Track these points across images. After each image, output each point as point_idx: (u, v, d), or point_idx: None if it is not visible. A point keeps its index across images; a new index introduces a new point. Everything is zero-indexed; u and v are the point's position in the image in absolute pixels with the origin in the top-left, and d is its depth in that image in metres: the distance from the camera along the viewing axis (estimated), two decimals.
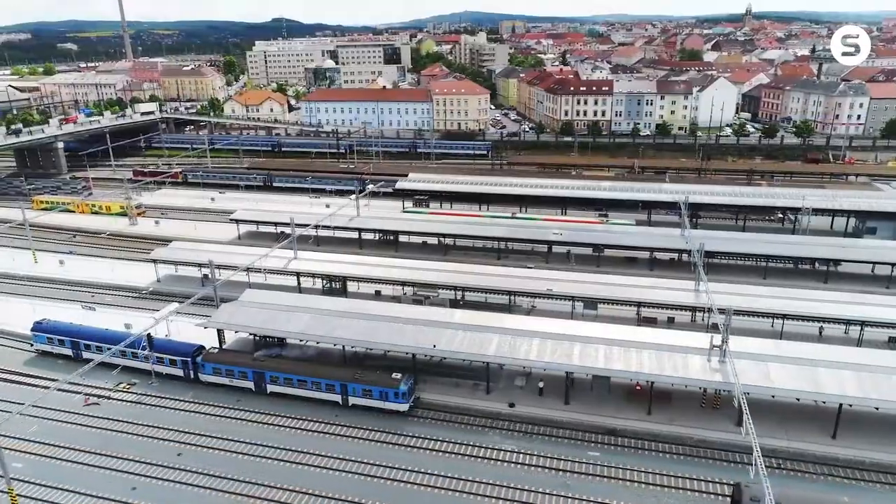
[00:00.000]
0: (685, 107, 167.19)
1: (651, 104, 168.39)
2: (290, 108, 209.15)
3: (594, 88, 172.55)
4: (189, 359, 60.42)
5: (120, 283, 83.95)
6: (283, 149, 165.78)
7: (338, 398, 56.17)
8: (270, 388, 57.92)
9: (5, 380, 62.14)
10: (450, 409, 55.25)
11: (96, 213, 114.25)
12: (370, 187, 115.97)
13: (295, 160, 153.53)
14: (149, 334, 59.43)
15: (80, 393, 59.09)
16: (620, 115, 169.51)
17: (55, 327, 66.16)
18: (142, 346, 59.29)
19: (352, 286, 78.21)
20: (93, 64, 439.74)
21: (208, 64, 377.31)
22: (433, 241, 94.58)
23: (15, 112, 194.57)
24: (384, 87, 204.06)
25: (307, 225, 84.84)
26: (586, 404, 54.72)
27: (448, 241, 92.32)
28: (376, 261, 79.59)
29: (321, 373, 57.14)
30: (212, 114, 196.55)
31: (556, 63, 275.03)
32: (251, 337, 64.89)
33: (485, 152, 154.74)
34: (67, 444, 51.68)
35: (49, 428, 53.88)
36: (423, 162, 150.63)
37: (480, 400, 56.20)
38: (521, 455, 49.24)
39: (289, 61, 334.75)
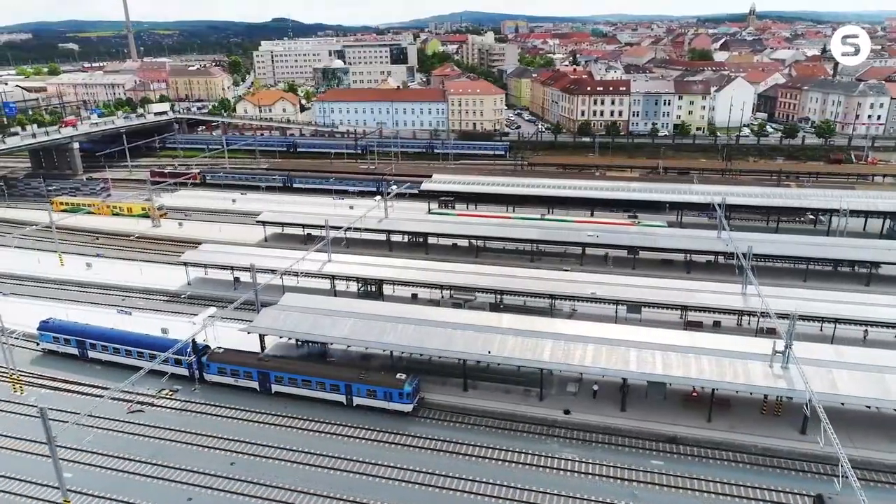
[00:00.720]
0: (703, 107, 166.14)
1: (668, 104, 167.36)
2: (302, 109, 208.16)
3: (611, 88, 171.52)
4: (194, 358, 60.21)
5: (149, 287, 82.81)
6: (298, 149, 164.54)
7: (342, 398, 55.96)
8: (275, 388, 57.71)
9: (57, 388, 60.89)
10: (505, 416, 54.11)
11: (117, 214, 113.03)
12: (393, 188, 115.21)
13: (311, 161, 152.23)
14: (193, 340, 58.30)
15: (124, 400, 57.93)
16: (637, 115, 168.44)
17: (61, 326, 66.03)
18: (188, 353, 58.26)
19: (386, 289, 77.24)
20: (97, 64, 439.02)
21: (214, 64, 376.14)
22: (462, 242, 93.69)
23: (30, 112, 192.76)
24: (398, 87, 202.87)
25: (339, 227, 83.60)
26: (643, 411, 53.68)
27: (478, 243, 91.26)
28: (411, 263, 78.56)
29: (325, 373, 56.98)
30: (224, 114, 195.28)
31: (566, 63, 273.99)
32: (290, 341, 64.01)
33: (503, 153, 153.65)
34: (118, 454, 50.55)
35: (98, 437, 52.65)
36: (440, 163, 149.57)
37: (534, 407, 55.14)
38: (583, 464, 48.18)
39: (296, 61, 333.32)
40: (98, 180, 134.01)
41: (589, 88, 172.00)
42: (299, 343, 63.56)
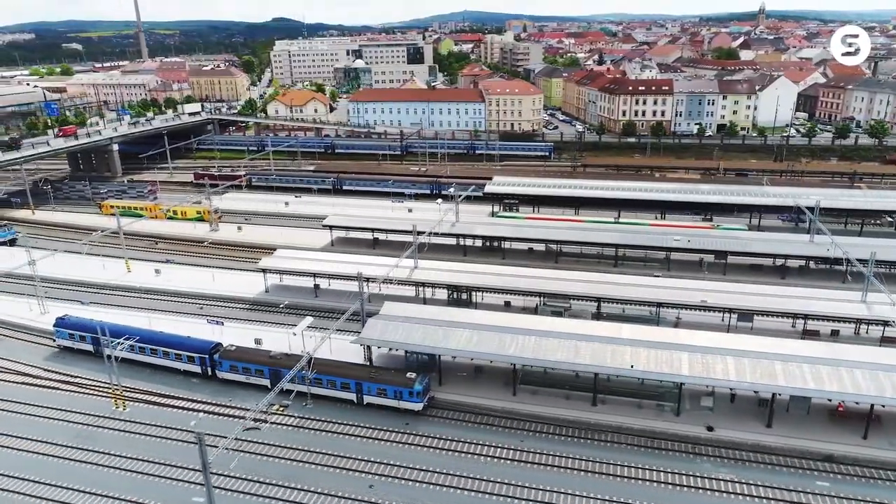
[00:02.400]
0: (748, 106, 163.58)
1: (712, 104, 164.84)
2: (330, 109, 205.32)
3: (653, 88, 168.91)
4: (207, 356, 60.14)
5: (224, 294, 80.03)
6: (336, 150, 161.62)
7: (353, 397, 55.72)
8: (287, 386, 55.78)
9: (154, 403, 58.10)
10: (643, 433, 51.50)
11: (171, 218, 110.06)
12: (451, 191, 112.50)
13: (353, 162, 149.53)
14: (308, 353, 55.62)
15: (236, 417, 55.20)
16: (681, 115, 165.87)
17: (77, 323, 66.11)
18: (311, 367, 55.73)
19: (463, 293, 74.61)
20: (108, 64, 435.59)
21: (227, 64, 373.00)
22: (537, 246, 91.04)
23: (67, 114, 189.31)
24: (432, 87, 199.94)
25: (422, 232, 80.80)
26: (789, 427, 51.08)
27: (557, 247, 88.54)
28: (502, 269, 75.93)
29: (336, 371, 56.45)
30: (260, 115, 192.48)
31: (590, 63, 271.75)
32: (397, 352, 61.36)
33: (547, 154, 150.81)
34: (247, 475, 47.76)
35: (221, 456, 49.71)
36: (485, 164, 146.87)
37: (671, 423, 52.51)
38: (743, 485, 45.57)
39: (313, 61, 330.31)
40: (146, 183, 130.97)
41: (630, 88, 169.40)
42: (408, 354, 60.82)
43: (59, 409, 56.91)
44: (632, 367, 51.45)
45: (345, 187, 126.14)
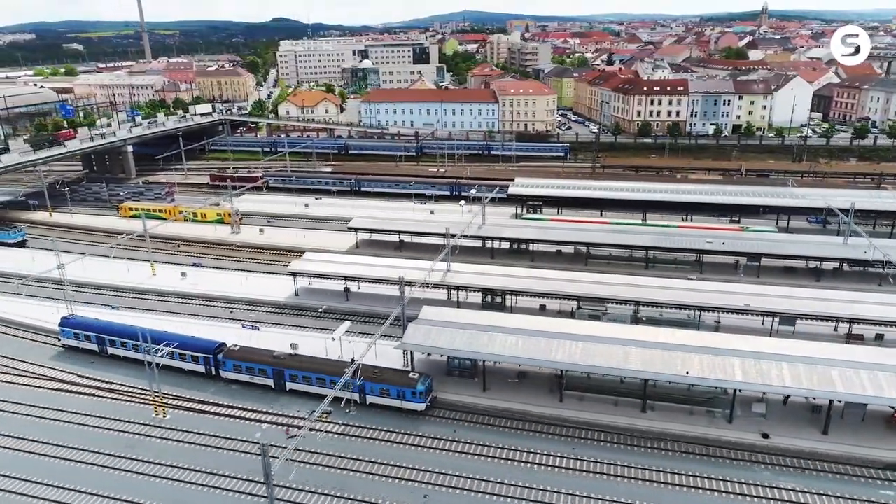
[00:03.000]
0: (764, 107, 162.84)
1: (728, 104, 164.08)
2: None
3: (668, 88, 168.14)
4: (211, 355, 60.56)
5: (252, 297, 79.08)
6: (349, 151, 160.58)
7: (356, 396, 55.71)
8: (290, 385, 57.81)
9: (191, 409, 57.17)
10: (696, 440, 50.65)
11: (191, 220, 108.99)
12: (473, 192, 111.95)
13: (366, 163, 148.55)
14: (353, 360, 54.77)
15: (277, 423, 54.35)
16: (696, 115, 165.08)
17: (82, 322, 66.74)
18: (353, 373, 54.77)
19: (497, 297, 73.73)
20: (111, 64, 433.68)
21: (232, 64, 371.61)
22: (565, 248, 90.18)
23: (81, 115, 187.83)
24: (445, 87, 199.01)
25: (455, 235, 79.86)
26: (845, 434, 50.27)
27: (587, 249, 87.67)
28: (535, 273, 74.92)
29: (339, 372, 54.73)
30: (269, 115, 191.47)
31: (599, 62, 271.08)
32: (440, 357, 60.50)
33: (562, 154, 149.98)
34: (302, 486, 46.78)
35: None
36: (501, 165, 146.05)
37: (724, 430, 51.64)
38: (807, 495, 44.74)
39: (319, 61, 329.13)
40: (162, 184, 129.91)
41: (645, 88, 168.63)
42: (450, 360, 59.94)
43: (99, 417, 55.92)
44: (687, 373, 50.54)
45: (363, 189, 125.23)
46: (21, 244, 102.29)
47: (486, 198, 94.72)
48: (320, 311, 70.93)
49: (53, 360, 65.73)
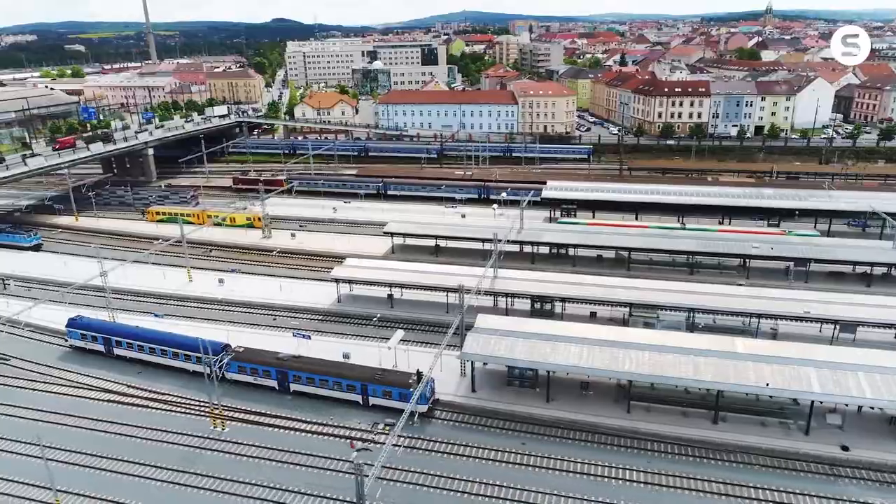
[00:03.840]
0: (787, 108, 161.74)
1: (750, 105, 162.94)
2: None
3: (689, 90, 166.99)
4: (216, 357, 59.74)
5: (293, 304, 77.80)
6: (369, 154, 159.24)
7: (358, 398, 56.29)
8: (294, 387, 58.28)
9: (248, 421, 55.88)
10: (774, 453, 49.44)
11: (220, 224, 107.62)
12: (504, 196, 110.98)
13: (385, 165, 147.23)
14: (419, 371, 53.61)
15: (338, 436, 53.10)
16: (717, 116, 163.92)
17: (88, 324, 67.32)
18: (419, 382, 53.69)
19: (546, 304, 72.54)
20: (117, 65, 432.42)
21: (238, 65, 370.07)
22: (606, 253, 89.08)
23: (102, 118, 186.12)
24: (462, 88, 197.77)
25: (496, 240, 78.60)
26: None
27: (629, 254, 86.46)
28: (586, 279, 73.69)
29: (343, 373, 57.16)
30: (284, 117, 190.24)
31: (610, 62, 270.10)
32: (500, 367, 59.30)
33: (585, 156, 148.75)
34: None
35: (340, 481, 47.69)
36: (524, 167, 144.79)
37: (801, 442, 50.43)
38: None
39: (328, 62, 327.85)
40: (187, 188, 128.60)
41: (666, 90, 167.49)
42: (510, 369, 58.71)
43: (154, 429, 54.62)
44: (767, 384, 49.32)
45: (389, 192, 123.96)
46: (36, 248, 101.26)
47: (524, 202, 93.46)
48: (375, 319, 69.58)
49: (102, 370, 64.32)
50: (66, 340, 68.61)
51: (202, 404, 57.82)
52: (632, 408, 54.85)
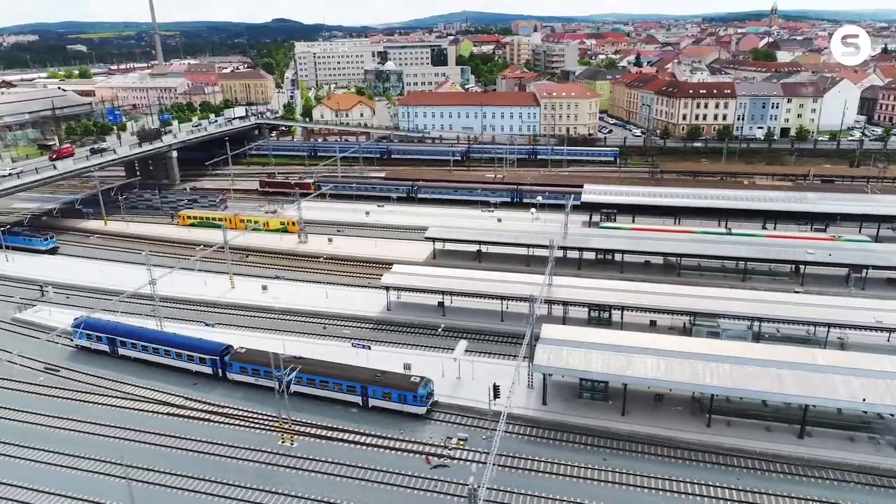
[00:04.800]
0: (813, 110, 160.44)
1: (776, 107, 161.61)
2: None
3: (714, 91, 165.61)
4: (218, 357, 61.44)
5: (341, 312, 76.22)
6: (392, 156, 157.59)
7: (358, 399, 56.78)
8: (294, 388, 57.11)
9: (317, 436, 54.30)
10: (864, 469, 48.04)
11: (254, 229, 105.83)
12: (540, 199, 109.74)
13: (410, 168, 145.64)
14: (495, 385, 52.13)
15: (412, 451, 51.55)
16: (742, 118, 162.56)
17: (94, 324, 67.98)
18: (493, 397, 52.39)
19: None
20: (122, 66, 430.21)
21: (246, 66, 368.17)
22: (654, 259, 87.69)
23: (132, 120, 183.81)
24: (483, 90, 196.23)
25: (548, 247, 76.98)
26: None
27: (679, 260, 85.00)
28: (644, 287, 72.21)
29: (342, 374, 57.52)
30: (301, 119, 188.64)
31: (624, 63, 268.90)
32: (572, 379, 57.83)
33: (612, 159, 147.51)
34: None
35: (428, 501, 46.18)
36: (551, 169, 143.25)
37: (893, 458, 49.01)
38: None
39: (338, 63, 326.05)
40: (215, 191, 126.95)
41: (691, 91, 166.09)
42: (583, 382, 57.23)
43: (221, 444, 53.12)
44: (863, 399, 47.89)
45: (420, 195, 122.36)
46: (52, 251, 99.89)
47: (568, 206, 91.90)
48: (440, 329, 67.98)
49: (156, 382, 62.76)
50: (72, 340, 69.01)
51: (266, 418, 56.40)
52: (712, 422, 53.37)
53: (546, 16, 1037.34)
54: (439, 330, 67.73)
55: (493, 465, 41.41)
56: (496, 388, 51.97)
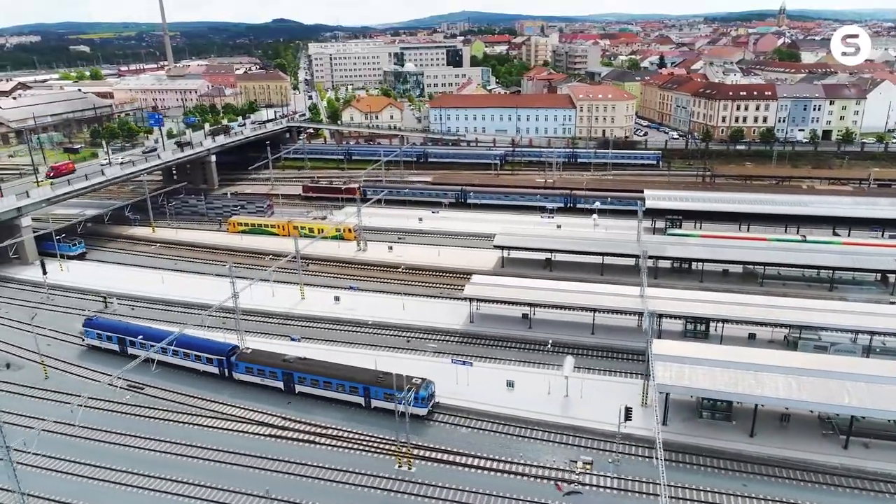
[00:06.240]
0: (856, 112, 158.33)
1: (817, 109, 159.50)
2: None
3: (755, 93, 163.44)
4: (224, 358, 62.45)
5: (422, 324, 73.69)
6: (429, 159, 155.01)
7: (361, 400, 57.50)
8: (299, 388, 59.67)
9: (438, 460, 51.79)
10: None
11: (307, 236, 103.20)
12: (597, 205, 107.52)
13: (448, 171, 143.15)
14: (627, 407, 49.66)
15: (541, 477, 49.05)
16: (783, 121, 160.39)
17: (104, 324, 70.58)
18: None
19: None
20: (133, 67, 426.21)
21: (257, 67, 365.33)
22: (732, 268, 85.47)
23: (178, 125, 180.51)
24: (518, 91, 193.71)
25: (629, 255, 74.64)
26: None
27: (764, 269, 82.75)
28: (743, 298, 69.80)
29: (346, 375, 58.08)
30: (327, 121, 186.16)
31: (648, 64, 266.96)
32: (691, 398, 55.46)
33: (654, 162, 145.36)
34: None
35: None
36: (594, 173, 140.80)
37: None
38: None
39: (354, 64, 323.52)
40: (261, 196, 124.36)
41: (731, 93, 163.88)
42: (703, 401, 54.81)
43: (331, 469, 50.51)
44: None
45: (469, 200, 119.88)
46: (81, 256, 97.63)
47: (640, 213, 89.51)
48: (549, 344, 65.46)
49: (243, 400, 60.17)
50: (83, 340, 70.27)
51: (370, 439, 53.91)
52: (849, 444, 50.99)
53: (546, 16, 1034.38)
54: (548, 345, 65.14)
55: (665, 496, 38.76)
56: (628, 410, 49.45)
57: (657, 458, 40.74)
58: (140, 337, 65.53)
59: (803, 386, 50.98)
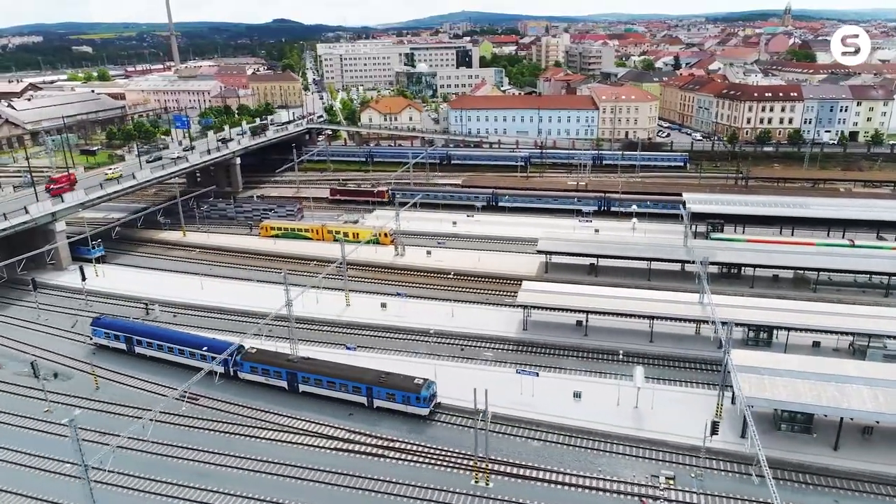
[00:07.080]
0: (883, 113, 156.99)
1: (844, 110, 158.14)
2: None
3: (780, 94, 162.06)
4: (230, 357, 62.12)
5: (470, 331, 72.20)
6: (452, 161, 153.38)
7: (363, 400, 57.96)
8: (302, 387, 60.29)
9: (515, 475, 50.26)
10: None
11: (340, 240, 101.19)
12: (635, 208, 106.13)
13: (473, 174, 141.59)
14: (714, 421, 48.14)
15: (632, 494, 47.54)
16: (810, 122, 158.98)
17: (111, 323, 71.12)
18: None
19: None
20: (139, 67, 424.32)
21: (265, 68, 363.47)
22: (783, 273, 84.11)
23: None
24: (534, 92, 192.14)
25: (678, 261, 73.24)
26: None
27: (817, 275, 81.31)
28: (804, 305, 68.48)
29: (348, 375, 58.66)
30: (346, 122, 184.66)
31: (663, 64, 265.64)
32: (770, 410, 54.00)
33: (682, 164, 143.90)
34: None
35: None
36: (621, 175, 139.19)
37: None
38: None
39: (364, 64, 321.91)
40: (290, 199, 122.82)
41: (756, 95, 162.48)
42: (781, 413, 53.33)
43: (404, 484, 48.96)
44: None
45: (501, 203, 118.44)
46: (100, 259, 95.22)
47: (687, 217, 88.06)
48: (620, 354, 64.00)
49: (308, 413, 58.62)
50: (91, 339, 70.69)
51: (441, 452, 52.36)
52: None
53: (546, 16, 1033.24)
54: (620, 355, 63.68)
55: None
56: (715, 425, 47.98)
57: (755, 475, 39.20)
58: (147, 336, 67.42)
59: (890, 398, 49.59)
